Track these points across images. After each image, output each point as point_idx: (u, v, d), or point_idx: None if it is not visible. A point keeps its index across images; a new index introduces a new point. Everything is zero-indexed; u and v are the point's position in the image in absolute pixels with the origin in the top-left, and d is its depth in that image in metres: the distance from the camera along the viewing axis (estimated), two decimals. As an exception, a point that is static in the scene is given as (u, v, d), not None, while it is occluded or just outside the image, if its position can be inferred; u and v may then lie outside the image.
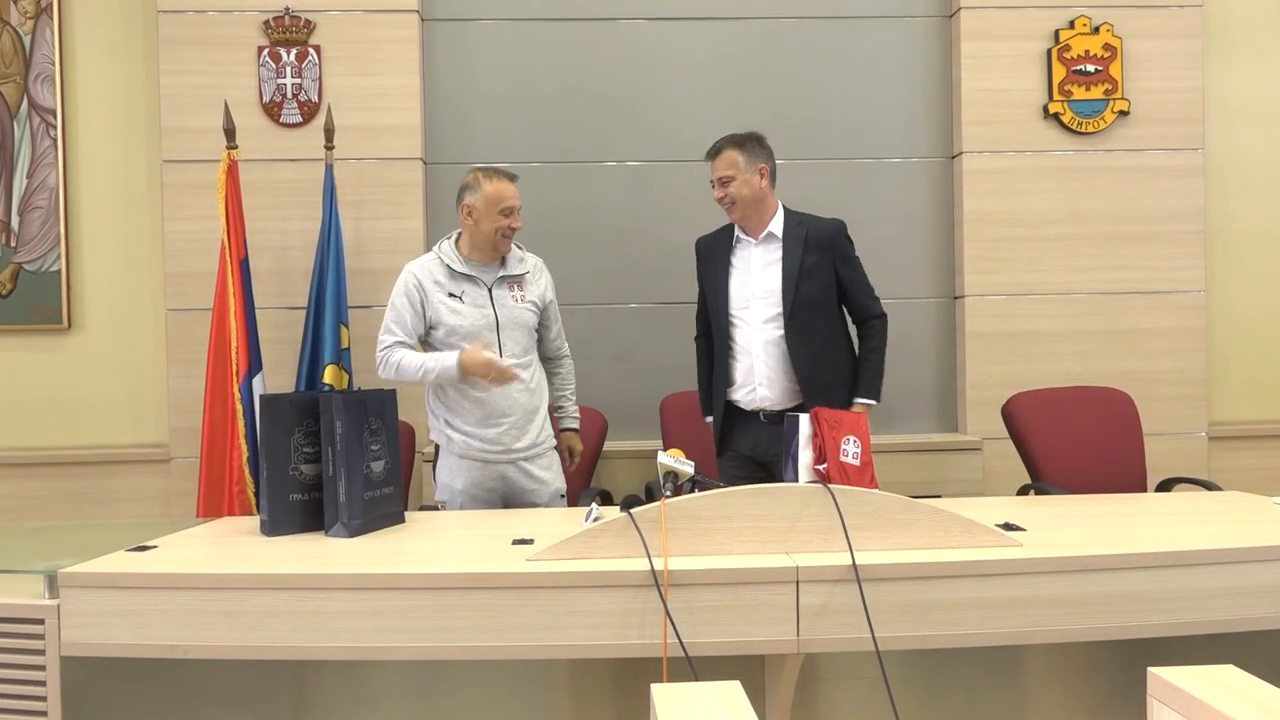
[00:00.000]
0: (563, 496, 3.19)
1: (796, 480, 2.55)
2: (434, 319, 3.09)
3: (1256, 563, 2.15)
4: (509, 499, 3.13)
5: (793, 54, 4.30)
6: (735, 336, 3.19)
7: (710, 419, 3.32)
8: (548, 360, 3.31)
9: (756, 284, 3.17)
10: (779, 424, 3.09)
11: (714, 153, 3.21)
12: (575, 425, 3.35)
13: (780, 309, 3.12)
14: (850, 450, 2.60)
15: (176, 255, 4.04)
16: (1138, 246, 4.23)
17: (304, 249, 3.97)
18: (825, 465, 2.57)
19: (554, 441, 3.23)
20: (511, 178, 3.13)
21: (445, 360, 2.98)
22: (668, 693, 1.38)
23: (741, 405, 3.20)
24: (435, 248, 3.16)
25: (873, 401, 3.17)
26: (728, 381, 3.22)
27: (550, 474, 3.17)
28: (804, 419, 2.62)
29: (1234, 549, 2.17)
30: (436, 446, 3.17)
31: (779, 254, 3.15)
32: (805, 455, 2.59)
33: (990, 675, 2.46)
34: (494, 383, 2.98)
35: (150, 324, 4.21)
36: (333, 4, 4.07)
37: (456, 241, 3.16)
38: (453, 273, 3.09)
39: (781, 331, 3.12)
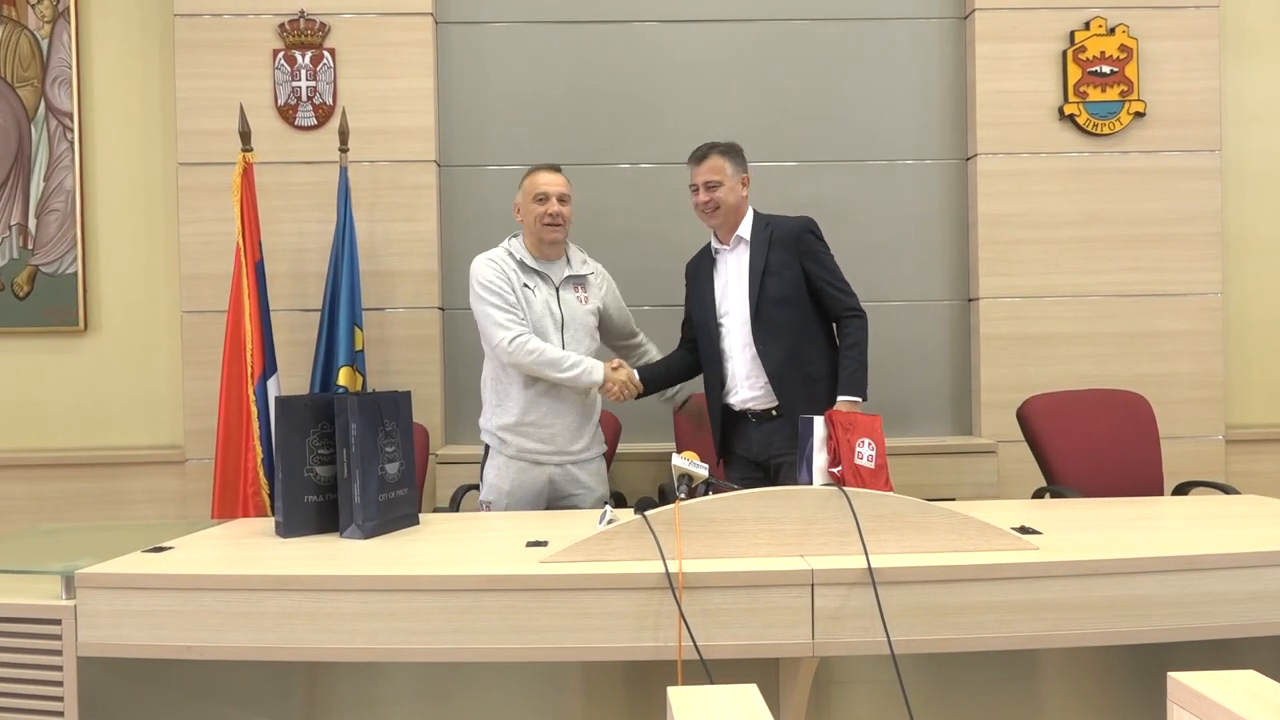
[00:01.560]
0: (607, 503, 3.17)
1: (810, 483, 2.54)
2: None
3: (1273, 567, 2.14)
4: (552, 503, 3.16)
5: (806, 56, 4.29)
6: (721, 340, 3.22)
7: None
8: (631, 345, 3.43)
9: (732, 288, 3.21)
10: (767, 422, 3.14)
11: (699, 158, 3.24)
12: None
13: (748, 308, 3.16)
14: (865, 453, 2.59)
15: (192, 257, 4.06)
16: (1154, 248, 4.20)
17: (318, 251, 3.98)
18: (840, 468, 2.56)
19: (603, 449, 3.28)
20: (553, 168, 3.23)
21: (592, 364, 3.10)
22: (684, 696, 1.37)
23: (733, 407, 3.22)
24: (504, 244, 3.22)
25: (857, 399, 3.08)
26: (719, 386, 3.23)
27: (598, 479, 3.22)
28: (818, 421, 2.61)
29: (1251, 553, 2.16)
30: (486, 447, 3.22)
31: (748, 255, 3.19)
32: (819, 458, 2.58)
33: (1005, 679, 2.45)
34: (613, 398, 3.15)
35: (166, 326, 4.24)
36: (347, 7, 4.09)
37: (522, 240, 3.23)
38: (525, 266, 3.16)
39: (750, 330, 3.15)
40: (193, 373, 4.05)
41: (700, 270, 3.34)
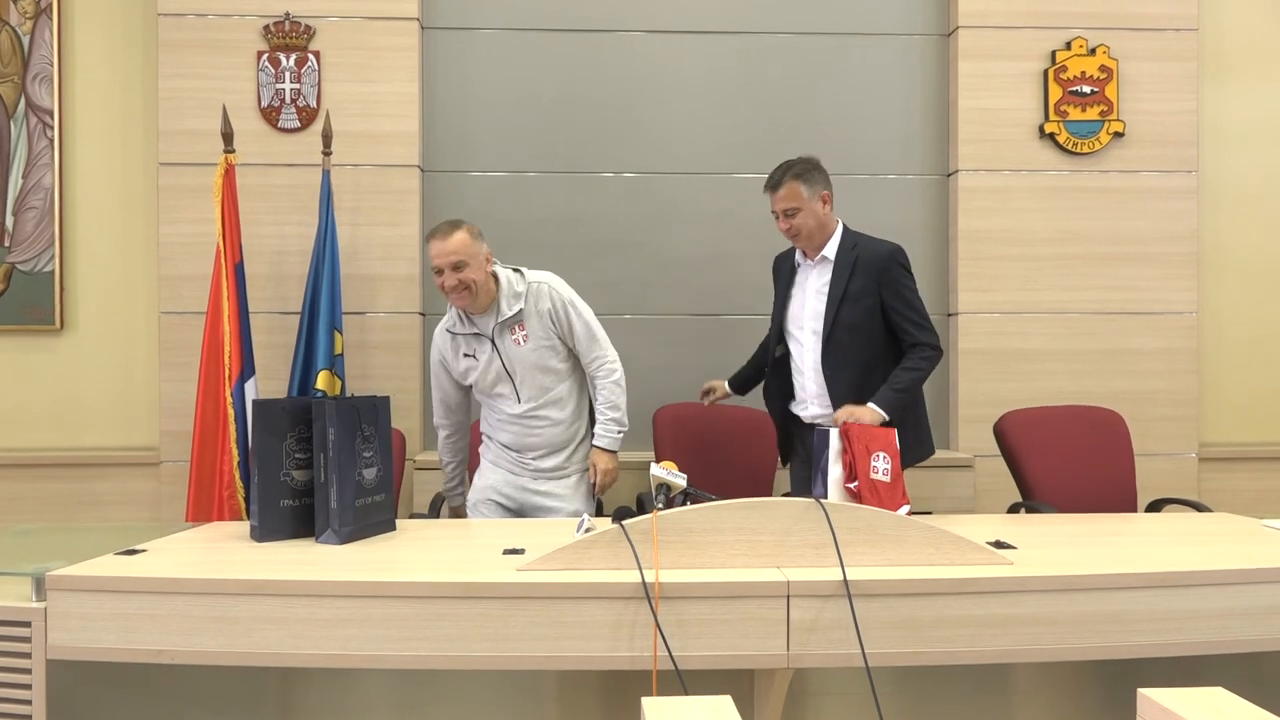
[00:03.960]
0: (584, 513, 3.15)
1: (825, 496, 2.55)
2: (463, 380, 3.15)
3: (1244, 584, 2.16)
4: (524, 511, 3.14)
5: (791, 69, 4.32)
6: (792, 354, 3.22)
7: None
8: (590, 379, 3.20)
9: (809, 306, 3.17)
10: None
11: (774, 184, 3.15)
12: (600, 443, 3.14)
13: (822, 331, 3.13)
14: (880, 466, 2.61)
15: (171, 258, 4.03)
16: (1131, 267, 4.25)
17: (299, 254, 3.97)
18: (856, 483, 2.58)
19: (583, 467, 3.20)
20: (444, 234, 2.96)
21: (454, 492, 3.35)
22: (658, 706, 1.37)
23: (803, 419, 3.22)
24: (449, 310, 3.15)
25: (880, 411, 2.95)
26: (790, 396, 3.25)
27: (573, 494, 3.15)
28: (834, 433, 2.63)
29: (1222, 571, 2.18)
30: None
31: (829, 276, 3.13)
32: (835, 470, 2.60)
33: (978, 692, 2.46)
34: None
35: (143, 326, 4.21)
36: (333, 10, 4.08)
37: None
38: (462, 335, 3.09)
39: (820, 353, 3.12)
40: (170, 374, 4.02)
41: (782, 274, 3.32)
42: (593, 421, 3.22)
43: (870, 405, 2.97)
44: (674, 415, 3.85)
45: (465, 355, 3.09)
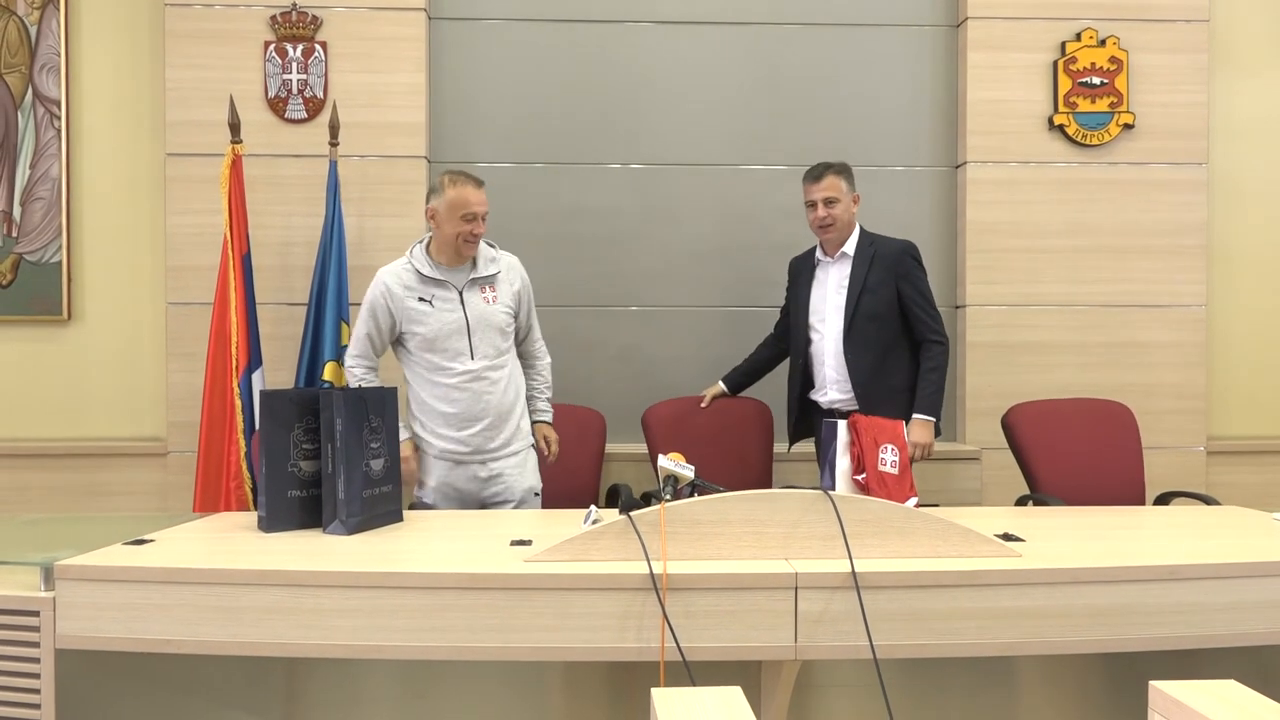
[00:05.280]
0: (537, 495, 3.18)
1: (833, 488, 2.55)
2: (405, 327, 3.09)
3: (1253, 578, 2.15)
4: (480, 498, 3.13)
5: (799, 60, 4.30)
6: (813, 345, 3.48)
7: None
8: (524, 359, 3.28)
9: (830, 299, 3.44)
10: None
11: (816, 176, 3.41)
12: (546, 418, 3.30)
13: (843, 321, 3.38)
14: (889, 459, 2.63)
15: (178, 249, 4.03)
16: (1140, 259, 4.23)
17: (306, 245, 3.97)
18: (864, 476, 2.58)
19: (531, 440, 3.21)
20: (478, 183, 3.07)
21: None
22: (668, 697, 1.37)
23: (821, 404, 3.46)
24: (408, 252, 3.13)
25: (931, 418, 3.33)
26: (809, 385, 3.51)
27: (522, 471, 3.15)
28: (841, 425, 2.64)
29: (1230, 564, 2.17)
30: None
31: (849, 271, 3.40)
32: (842, 462, 2.62)
33: (986, 685, 2.45)
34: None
35: (150, 317, 4.21)
36: (340, 0, 4.07)
37: (428, 245, 3.13)
38: (423, 277, 3.07)
39: (842, 342, 3.37)
40: (177, 365, 4.02)
41: (801, 274, 3.57)
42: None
43: (918, 418, 3.30)
44: (666, 413, 3.76)
45: (421, 300, 3.06)
